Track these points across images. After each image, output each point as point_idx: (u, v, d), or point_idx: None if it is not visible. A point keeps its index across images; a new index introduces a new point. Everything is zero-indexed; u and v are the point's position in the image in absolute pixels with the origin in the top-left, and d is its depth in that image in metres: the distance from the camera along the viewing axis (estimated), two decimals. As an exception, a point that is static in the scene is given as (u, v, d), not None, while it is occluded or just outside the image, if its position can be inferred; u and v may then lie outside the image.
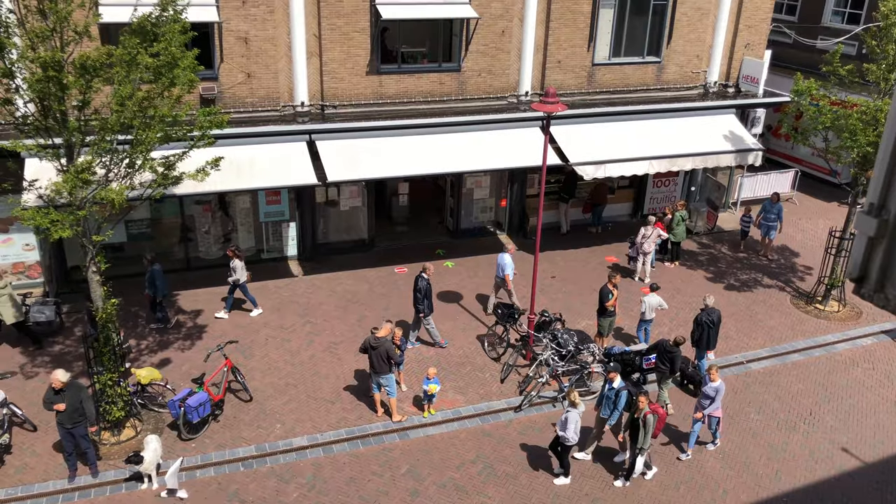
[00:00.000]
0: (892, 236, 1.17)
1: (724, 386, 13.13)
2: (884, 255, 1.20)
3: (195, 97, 16.48)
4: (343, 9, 17.48)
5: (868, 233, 1.25)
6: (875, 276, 1.25)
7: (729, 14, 21.13)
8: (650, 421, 11.88)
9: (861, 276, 1.30)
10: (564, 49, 19.82)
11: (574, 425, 12.00)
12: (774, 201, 20.64)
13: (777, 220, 20.69)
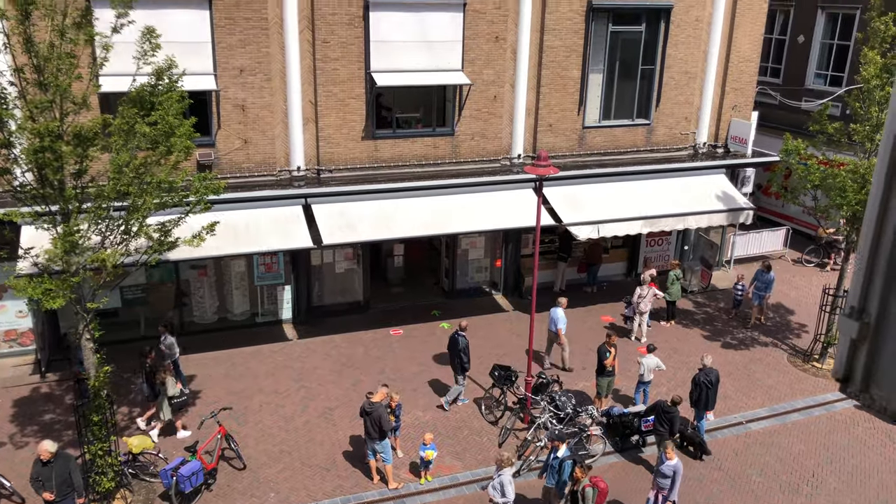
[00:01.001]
0: (874, 339, 1.17)
1: (681, 466, 12.45)
2: (867, 357, 1.19)
3: (192, 163, 16.68)
4: (339, 76, 17.87)
5: (850, 335, 1.24)
6: (859, 376, 1.23)
7: (715, 77, 21.67)
8: (589, 494, 11.54)
9: (846, 375, 1.28)
10: (555, 113, 20.22)
11: (510, 487, 11.68)
12: (766, 270, 20.24)
13: (766, 289, 20.23)
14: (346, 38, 17.65)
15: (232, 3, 16.50)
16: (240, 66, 16.96)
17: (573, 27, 19.58)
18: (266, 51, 17.10)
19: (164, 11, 15.89)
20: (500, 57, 19.22)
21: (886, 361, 3.62)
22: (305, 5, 17.22)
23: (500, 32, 19.02)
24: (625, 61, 20.70)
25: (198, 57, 16.43)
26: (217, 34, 16.58)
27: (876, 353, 2.89)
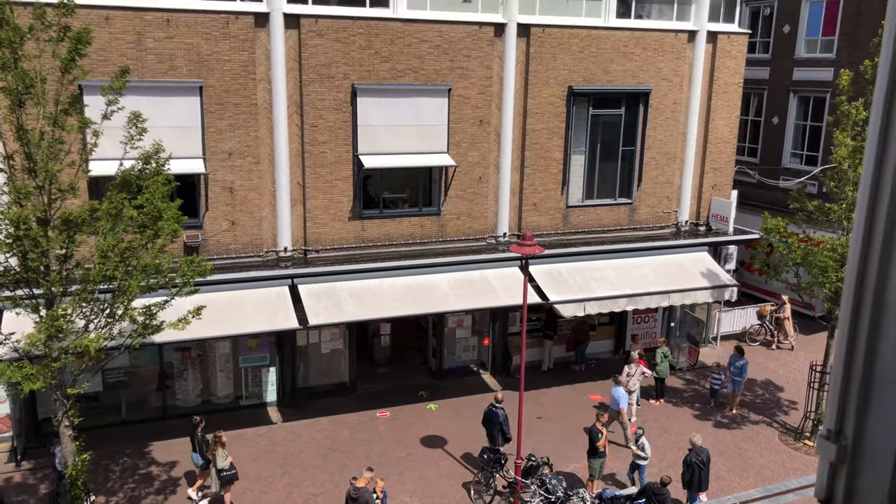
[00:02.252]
0: (853, 462, 1.20)
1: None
2: (847, 480, 1.21)
3: (179, 245, 16.72)
4: (327, 159, 18.20)
5: (829, 458, 1.26)
6: (841, 499, 1.24)
7: (695, 158, 22.24)
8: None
9: (827, 498, 1.29)
10: (539, 193, 20.59)
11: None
12: (738, 355, 19.75)
13: (741, 374, 19.62)
14: (333, 122, 18.07)
15: (222, 90, 16.92)
16: (229, 149, 17.26)
17: (555, 111, 20.17)
18: (255, 134, 17.45)
19: (155, 98, 16.25)
20: (484, 139, 19.69)
21: (866, 487, 3.51)
22: (294, 91, 17.69)
23: (485, 116, 19.56)
24: (606, 143, 21.25)
25: (188, 141, 16.72)
26: (207, 119, 16.93)
27: (855, 478, 2.82)
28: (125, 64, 14.06)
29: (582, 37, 19.97)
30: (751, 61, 25.17)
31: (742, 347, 20.21)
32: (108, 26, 15.77)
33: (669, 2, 21.23)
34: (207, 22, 16.56)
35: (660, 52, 20.92)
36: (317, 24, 17.46)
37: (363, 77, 18.06)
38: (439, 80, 18.81)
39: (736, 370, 19.67)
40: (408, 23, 18.24)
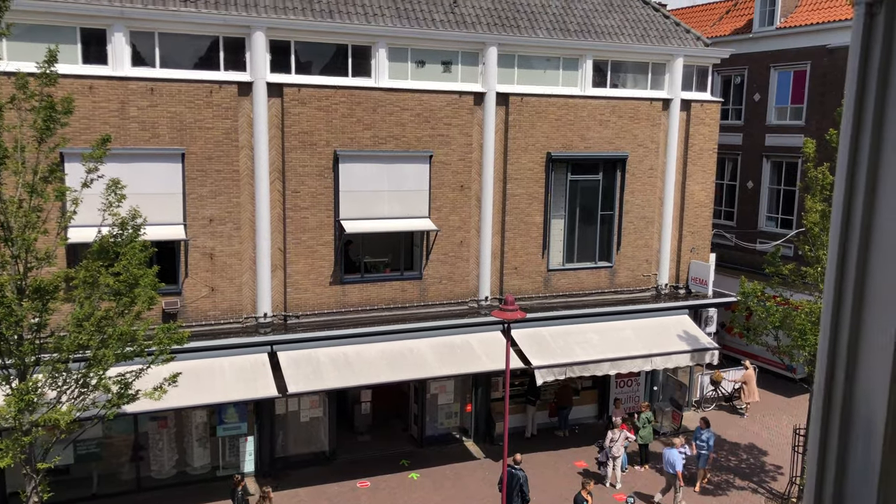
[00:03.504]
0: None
1: None
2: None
3: (157, 312, 16.53)
4: (308, 224, 18.25)
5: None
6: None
7: (672, 222, 22.56)
8: None
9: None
10: (520, 256, 20.71)
11: None
12: (703, 427, 19.10)
13: (707, 447, 18.82)
14: (316, 188, 18.20)
15: (204, 157, 17.04)
16: (210, 215, 17.27)
17: (534, 176, 20.49)
18: (236, 201, 17.50)
19: (137, 165, 16.33)
20: (465, 204, 19.89)
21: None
22: (276, 158, 17.85)
23: (465, 182, 19.80)
24: (585, 207, 21.54)
25: (169, 207, 16.73)
26: (188, 185, 16.99)
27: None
28: (109, 132, 14.19)
29: (559, 105, 20.46)
30: (724, 128, 25.86)
31: (707, 420, 19.47)
32: (93, 95, 15.94)
33: (643, 72, 21.89)
34: (191, 91, 16.79)
35: (635, 119, 21.45)
36: (300, 93, 17.76)
37: (345, 144, 18.30)
38: (420, 146, 19.10)
39: (702, 444, 18.82)
40: (389, 92, 18.62)
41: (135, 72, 16.42)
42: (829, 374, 1.21)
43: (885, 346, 1.15)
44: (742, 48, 27.30)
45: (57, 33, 15.55)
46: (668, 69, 21.87)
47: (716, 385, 24.33)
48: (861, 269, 1.20)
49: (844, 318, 1.22)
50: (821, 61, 25.25)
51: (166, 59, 16.88)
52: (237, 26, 17.12)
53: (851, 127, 1.19)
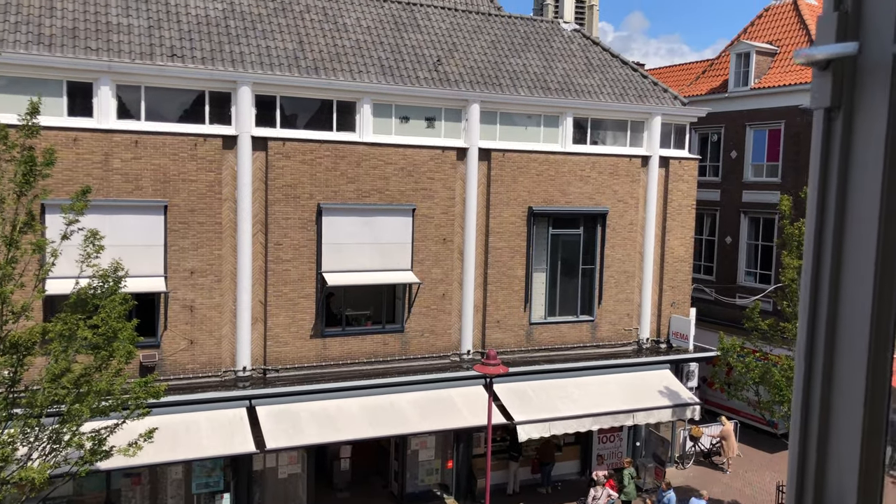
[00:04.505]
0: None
1: None
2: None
3: (135, 365, 16.27)
4: (290, 277, 18.20)
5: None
6: None
7: (653, 276, 22.76)
8: None
9: None
10: (502, 310, 20.73)
11: None
12: (665, 489, 18.94)
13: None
14: (298, 240, 18.21)
15: (187, 209, 17.04)
16: (191, 267, 17.19)
17: (516, 230, 20.66)
18: (218, 253, 17.45)
19: (119, 216, 16.29)
20: (447, 257, 19.97)
21: None
22: (259, 210, 17.89)
23: (448, 235, 19.93)
24: (566, 261, 21.70)
25: (150, 259, 16.64)
26: (170, 237, 16.94)
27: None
28: (92, 183, 14.23)
29: (540, 161, 20.79)
30: (702, 184, 26.35)
31: (669, 482, 19.17)
32: (77, 147, 15.98)
33: (623, 129, 22.36)
34: (176, 143, 16.89)
35: (615, 175, 21.82)
36: (284, 147, 17.92)
37: (329, 197, 18.40)
38: (404, 200, 19.25)
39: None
40: (374, 146, 18.84)
41: (120, 124, 16.52)
42: (802, 439, 1.23)
43: (854, 412, 1.18)
44: (718, 107, 28.03)
45: (44, 86, 15.67)
46: (646, 127, 22.37)
47: (695, 441, 24.18)
48: (830, 343, 1.24)
49: (815, 384, 1.25)
50: (794, 121, 25.96)
51: (152, 112, 17.02)
52: (223, 81, 17.34)
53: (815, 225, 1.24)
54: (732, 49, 28.63)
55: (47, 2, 16.93)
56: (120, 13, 17.55)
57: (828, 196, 1.19)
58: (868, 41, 1.10)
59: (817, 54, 1.12)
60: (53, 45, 16.10)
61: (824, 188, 1.19)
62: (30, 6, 16.61)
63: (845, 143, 1.15)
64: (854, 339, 1.18)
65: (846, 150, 1.15)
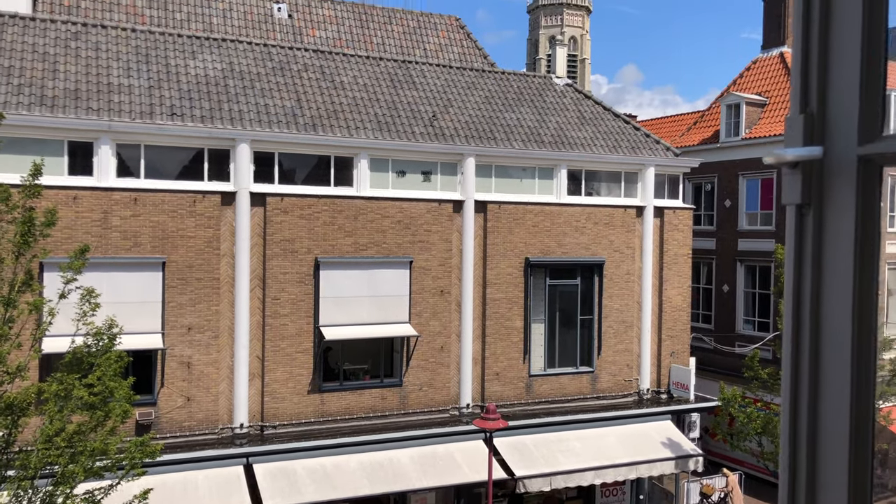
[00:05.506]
0: None
1: None
2: None
3: (131, 424, 16.09)
4: (287, 331, 18.15)
5: None
6: None
7: (651, 326, 22.72)
8: None
9: None
10: (501, 362, 20.62)
11: None
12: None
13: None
14: (296, 295, 18.22)
15: (185, 265, 17.10)
16: (189, 323, 17.15)
17: (513, 281, 20.71)
18: (216, 308, 17.44)
19: (117, 273, 16.33)
20: (445, 309, 19.96)
21: None
22: (257, 265, 17.95)
23: (445, 287, 19.95)
24: (564, 311, 21.69)
25: (147, 316, 16.61)
26: (168, 294, 16.94)
27: None
28: (91, 241, 14.32)
29: (536, 212, 20.96)
30: (698, 233, 26.54)
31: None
32: (76, 205, 16.11)
33: (617, 180, 22.62)
34: (174, 200, 17.04)
35: (610, 225, 21.98)
36: (282, 202, 18.08)
37: (327, 251, 18.49)
38: (401, 252, 19.34)
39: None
40: (371, 200, 19.01)
41: (119, 182, 16.69)
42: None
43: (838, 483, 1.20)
44: (711, 157, 28.41)
45: (45, 146, 15.88)
46: (640, 178, 22.63)
47: (706, 497, 23.81)
48: (813, 409, 1.27)
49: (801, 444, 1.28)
50: (786, 170, 26.25)
51: (151, 170, 17.21)
52: (222, 139, 17.60)
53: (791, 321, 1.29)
54: (723, 100, 29.17)
55: (50, 65, 17.29)
56: (121, 74, 17.91)
57: (803, 287, 1.24)
58: (833, 143, 1.16)
59: (786, 155, 1.18)
60: (56, 106, 16.38)
61: (799, 280, 1.24)
62: (33, 69, 16.96)
63: (817, 238, 1.20)
64: (835, 438, 1.21)
65: (818, 244, 1.21)
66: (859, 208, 1.14)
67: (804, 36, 1.19)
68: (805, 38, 1.19)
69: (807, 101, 1.19)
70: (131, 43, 18.98)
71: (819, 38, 1.17)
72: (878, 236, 1.18)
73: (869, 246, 1.17)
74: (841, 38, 1.15)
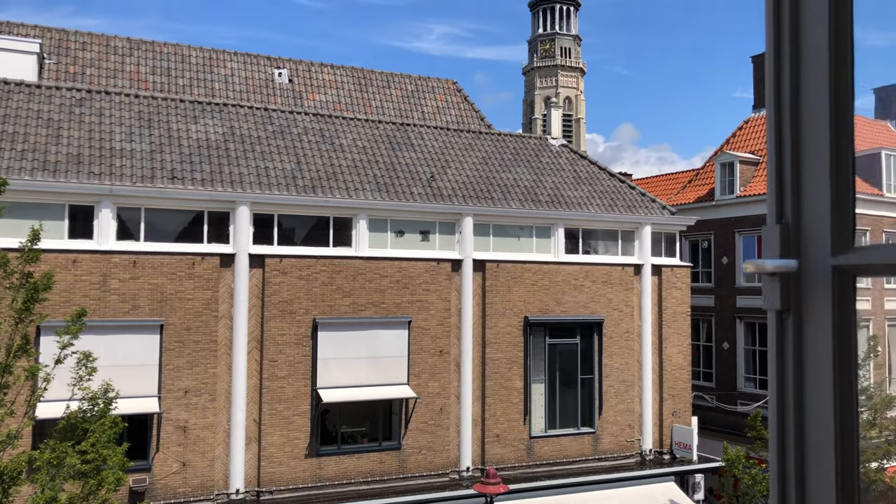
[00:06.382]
0: None
1: None
2: None
3: (124, 491, 15.79)
4: (285, 394, 17.97)
5: None
6: None
7: (652, 385, 22.53)
8: None
9: None
10: (501, 423, 20.37)
11: None
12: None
13: None
14: (293, 356, 18.12)
15: (183, 328, 17.05)
16: (185, 387, 17.00)
17: (513, 340, 20.62)
18: (213, 371, 17.31)
19: (115, 337, 16.27)
20: (444, 370, 19.82)
21: None
22: (255, 327, 17.90)
23: (444, 346, 19.86)
24: (565, 371, 21.53)
25: (144, 379, 16.48)
26: (165, 357, 16.84)
27: None
28: (89, 304, 14.32)
29: (534, 271, 21.03)
30: (696, 290, 26.56)
31: None
32: (75, 269, 16.16)
33: (614, 238, 22.76)
34: (174, 263, 17.10)
35: (609, 284, 22.02)
36: (281, 263, 18.15)
37: (325, 312, 18.46)
38: (399, 312, 19.31)
39: None
40: (369, 260, 19.09)
41: (119, 245, 16.78)
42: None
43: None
44: (706, 214, 28.66)
45: (46, 210, 16.03)
46: (637, 236, 22.78)
47: None
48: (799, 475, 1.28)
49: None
50: (782, 227, 26.45)
51: (151, 232, 17.33)
52: (222, 201, 17.77)
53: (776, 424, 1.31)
54: (717, 159, 29.59)
55: (54, 130, 17.59)
56: (124, 139, 18.21)
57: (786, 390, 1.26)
58: (808, 254, 1.20)
59: (765, 266, 1.22)
60: (58, 171, 16.60)
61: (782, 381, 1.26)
62: (37, 135, 17.25)
63: (797, 342, 1.24)
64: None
65: (799, 348, 1.24)
66: (836, 316, 1.18)
67: (777, 150, 1.24)
68: (778, 153, 1.24)
69: (782, 212, 1.23)
70: (134, 108, 19.35)
71: (791, 154, 1.22)
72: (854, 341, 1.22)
73: (846, 350, 1.20)
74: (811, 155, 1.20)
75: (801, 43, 1.22)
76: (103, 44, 24.09)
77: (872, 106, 32.79)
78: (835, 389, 1.20)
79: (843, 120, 1.17)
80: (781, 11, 1.25)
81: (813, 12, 1.20)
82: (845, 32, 1.18)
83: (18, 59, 20.22)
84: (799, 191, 1.21)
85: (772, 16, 1.26)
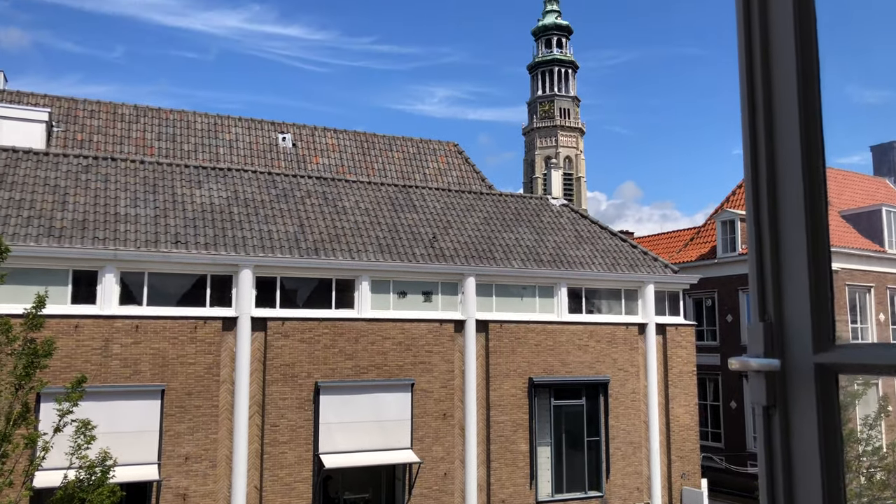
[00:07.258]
0: None
1: None
2: None
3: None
4: (286, 460, 17.70)
5: None
6: None
7: (659, 446, 22.15)
8: None
9: None
10: (507, 488, 19.96)
11: None
12: None
13: None
14: (295, 420, 17.90)
15: (184, 392, 16.91)
16: (186, 453, 16.76)
17: (517, 402, 20.38)
18: (214, 437, 17.09)
19: (115, 403, 16.12)
20: (448, 433, 19.53)
21: None
22: (257, 391, 17.75)
23: (448, 409, 19.62)
24: (571, 433, 21.21)
25: (144, 446, 16.26)
26: (166, 422, 16.66)
27: None
28: (90, 370, 14.25)
29: (538, 331, 20.93)
30: (701, 348, 26.34)
31: None
32: (77, 334, 16.14)
33: (617, 297, 22.72)
34: (176, 327, 17.08)
35: (613, 343, 21.88)
36: (283, 326, 18.11)
37: (327, 375, 18.33)
38: (402, 374, 19.16)
39: None
40: (372, 322, 19.04)
41: (121, 310, 16.79)
42: None
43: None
44: (709, 272, 28.66)
45: (49, 275, 16.11)
46: (640, 294, 22.74)
47: None
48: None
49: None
50: (785, 284, 26.42)
51: (154, 297, 17.36)
52: (225, 265, 17.86)
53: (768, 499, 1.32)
54: (717, 217, 29.77)
55: (60, 196, 17.82)
56: (128, 204, 18.42)
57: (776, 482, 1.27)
58: (791, 352, 1.23)
59: (750, 363, 1.25)
60: (63, 236, 16.74)
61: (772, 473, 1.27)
62: (43, 201, 17.46)
63: (784, 437, 1.25)
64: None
65: (786, 441, 1.25)
66: (820, 412, 1.19)
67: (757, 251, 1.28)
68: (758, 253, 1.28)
69: (765, 310, 1.26)
70: (139, 174, 19.65)
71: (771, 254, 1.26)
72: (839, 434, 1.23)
73: (832, 443, 1.21)
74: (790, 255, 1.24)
75: (777, 161, 1.27)
76: (110, 111, 24.61)
77: (871, 163, 33.15)
78: (822, 481, 1.21)
79: (819, 223, 1.21)
80: (759, 168, 1.29)
81: (787, 150, 1.25)
82: (817, 150, 1.22)
83: (28, 128, 20.65)
84: (780, 290, 1.24)
85: (749, 162, 1.31)
